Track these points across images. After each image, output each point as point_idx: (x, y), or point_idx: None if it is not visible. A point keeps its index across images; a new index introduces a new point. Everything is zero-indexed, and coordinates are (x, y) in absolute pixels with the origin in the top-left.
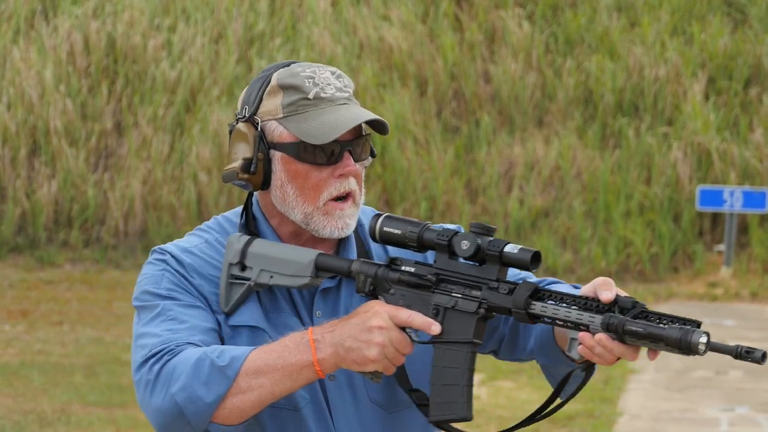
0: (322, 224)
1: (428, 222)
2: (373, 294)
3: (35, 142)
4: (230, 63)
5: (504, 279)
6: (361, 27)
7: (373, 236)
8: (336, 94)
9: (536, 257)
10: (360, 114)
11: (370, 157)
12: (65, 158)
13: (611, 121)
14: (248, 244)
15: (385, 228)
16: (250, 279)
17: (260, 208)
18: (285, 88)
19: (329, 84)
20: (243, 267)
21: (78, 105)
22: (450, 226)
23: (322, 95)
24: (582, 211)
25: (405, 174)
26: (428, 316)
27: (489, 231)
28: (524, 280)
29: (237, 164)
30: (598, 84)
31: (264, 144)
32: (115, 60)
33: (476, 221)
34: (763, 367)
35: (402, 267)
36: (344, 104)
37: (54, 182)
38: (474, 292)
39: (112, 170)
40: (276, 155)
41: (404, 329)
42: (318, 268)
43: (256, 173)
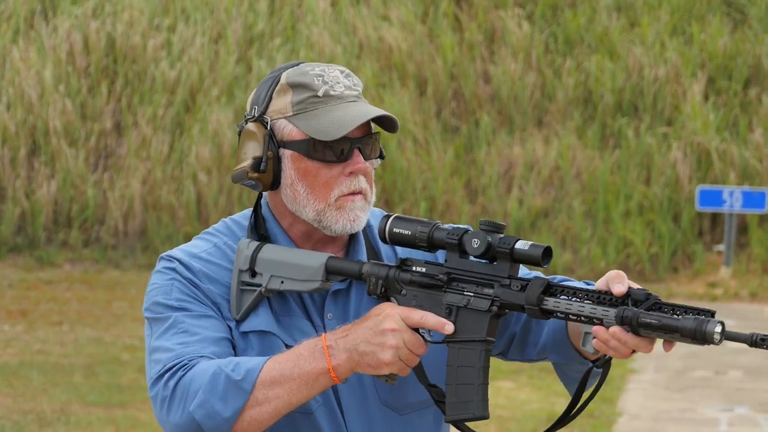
0: (335, 219)
1: (438, 221)
2: (385, 296)
3: (35, 142)
4: (230, 63)
5: (516, 276)
6: (361, 27)
7: (383, 237)
8: (345, 92)
9: (547, 253)
10: (369, 111)
11: (379, 159)
12: (65, 158)
13: (611, 121)
14: (258, 250)
15: (395, 229)
16: (261, 285)
17: (270, 210)
18: (294, 87)
19: (338, 82)
20: (253, 273)
21: (77, 105)
22: (459, 226)
23: (332, 93)
24: (581, 211)
25: (404, 174)
26: (441, 316)
27: (499, 228)
28: (537, 276)
29: (246, 164)
30: (598, 84)
31: (274, 143)
32: (115, 60)
33: (485, 219)
34: (763, 367)
35: (413, 267)
36: (353, 101)
37: (53, 182)
38: (486, 290)
39: (112, 170)
40: (286, 153)
41: (417, 330)
42: (328, 272)
43: (266, 172)
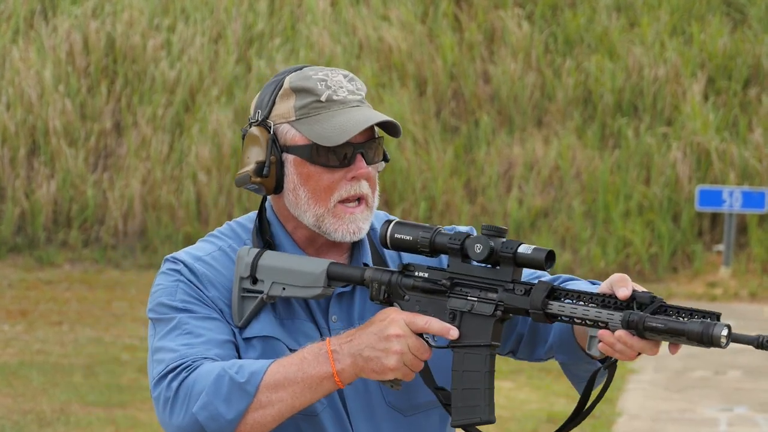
0: (333, 227)
1: (439, 226)
2: (388, 301)
3: (34, 142)
4: (229, 63)
5: (519, 280)
6: (361, 27)
7: (384, 243)
8: (348, 97)
9: (550, 256)
10: (371, 116)
11: (384, 162)
12: (64, 158)
13: (610, 121)
14: (258, 257)
15: (396, 234)
16: (263, 292)
17: (274, 213)
18: (297, 91)
19: (342, 87)
20: (254, 280)
21: (77, 105)
22: (462, 228)
23: (335, 98)
24: (581, 211)
25: (404, 174)
26: (445, 321)
27: (501, 233)
28: (539, 279)
29: (250, 168)
30: (598, 84)
31: (277, 147)
32: (115, 60)
33: (487, 224)
34: (762, 367)
35: (416, 273)
36: (356, 106)
37: (53, 182)
38: (490, 295)
39: (112, 170)
40: (288, 158)
41: (422, 335)
42: (330, 278)
43: (269, 176)
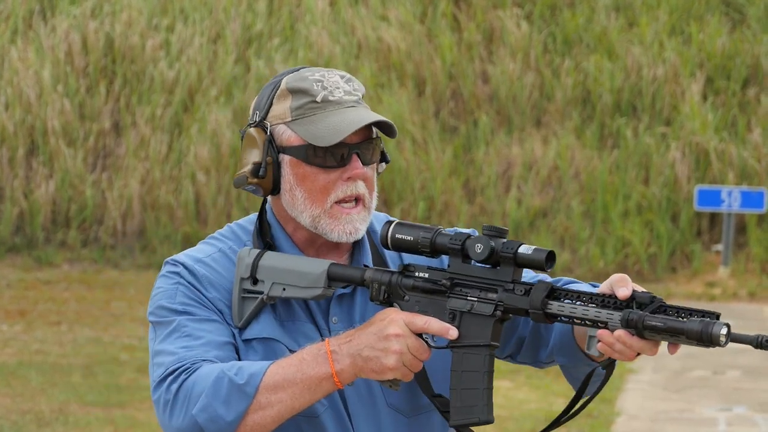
0: (330, 227)
1: (440, 227)
2: (388, 302)
3: (33, 142)
4: (228, 63)
5: (519, 280)
6: (360, 27)
7: (385, 244)
8: (344, 98)
9: (551, 257)
10: (365, 116)
11: (384, 163)
12: (63, 158)
13: (609, 121)
14: (259, 258)
15: (397, 235)
16: (263, 292)
17: (274, 215)
18: (294, 92)
19: (338, 87)
20: (255, 281)
21: (76, 105)
22: (463, 230)
23: (330, 98)
24: (580, 211)
25: (403, 174)
26: (445, 321)
27: (502, 233)
28: (540, 281)
29: (247, 169)
30: (597, 84)
31: (273, 148)
32: (113, 60)
33: (488, 224)
34: (761, 367)
35: (416, 273)
36: (352, 107)
37: (52, 182)
38: (490, 295)
39: (110, 170)
40: (285, 159)
41: (421, 335)
42: (330, 279)
43: (266, 177)
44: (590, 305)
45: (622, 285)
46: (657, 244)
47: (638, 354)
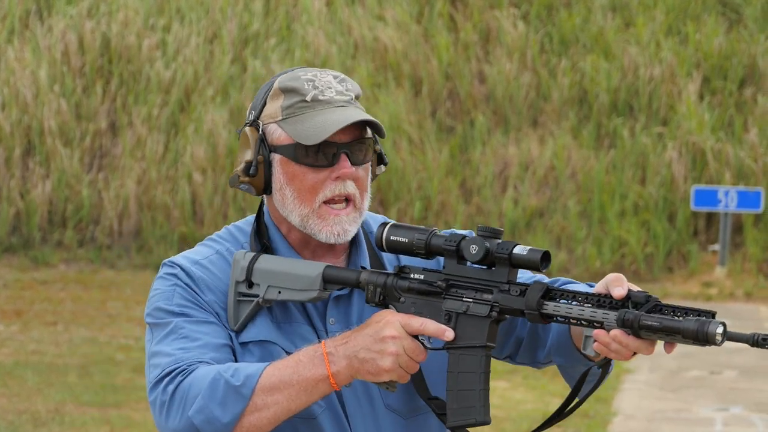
0: (318, 228)
1: (435, 228)
2: (384, 303)
3: (30, 142)
4: (225, 63)
5: (514, 281)
6: (356, 27)
7: (380, 246)
8: (335, 97)
9: (546, 257)
10: (351, 115)
11: (382, 166)
12: (59, 158)
13: (606, 121)
14: (254, 261)
15: (392, 237)
16: (258, 296)
17: (270, 217)
18: (286, 91)
19: (330, 87)
20: (250, 284)
21: (72, 105)
22: (459, 232)
23: (320, 98)
24: (577, 211)
25: (400, 174)
26: (440, 323)
27: (497, 234)
28: (536, 281)
29: (240, 168)
30: (593, 84)
31: (265, 147)
32: (110, 60)
33: (483, 225)
34: (757, 367)
35: (411, 275)
36: (341, 106)
37: (48, 182)
38: (485, 296)
39: (107, 170)
40: (275, 158)
41: (417, 337)
42: (326, 281)
43: (257, 176)
44: (586, 305)
45: (618, 285)
46: (654, 244)
47: (634, 353)
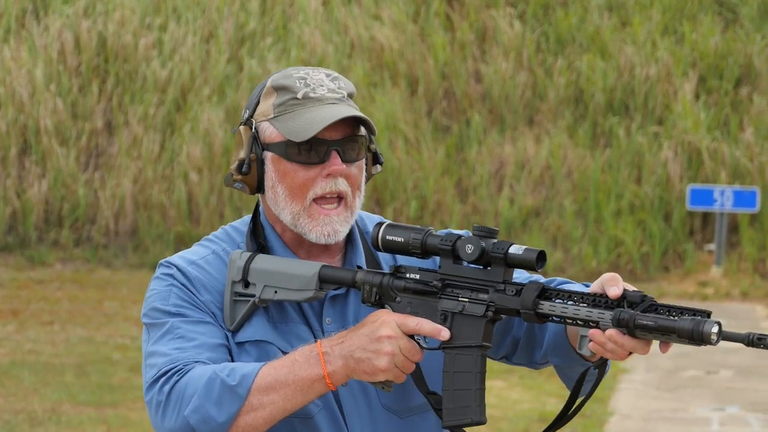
0: (309, 227)
1: (431, 227)
2: (380, 303)
3: (26, 142)
4: (221, 62)
5: (510, 281)
6: (352, 26)
7: (376, 245)
8: (326, 95)
9: (541, 257)
10: (340, 111)
11: (378, 165)
12: (56, 157)
13: (602, 121)
14: (250, 261)
15: (388, 237)
16: (254, 295)
17: (266, 216)
18: (278, 89)
19: (321, 85)
20: (246, 284)
21: (68, 104)
22: (455, 231)
23: (312, 95)
24: (572, 211)
25: (395, 173)
26: (436, 322)
27: (492, 233)
28: (532, 281)
29: (233, 166)
30: (589, 83)
31: (258, 145)
32: (106, 59)
33: (478, 225)
34: (754, 367)
35: (407, 275)
36: (332, 104)
37: (44, 181)
38: (481, 296)
39: (103, 169)
40: (268, 155)
41: (413, 337)
42: (322, 281)
43: (250, 174)
44: (581, 305)
45: (613, 284)
46: (649, 244)
47: (630, 353)
